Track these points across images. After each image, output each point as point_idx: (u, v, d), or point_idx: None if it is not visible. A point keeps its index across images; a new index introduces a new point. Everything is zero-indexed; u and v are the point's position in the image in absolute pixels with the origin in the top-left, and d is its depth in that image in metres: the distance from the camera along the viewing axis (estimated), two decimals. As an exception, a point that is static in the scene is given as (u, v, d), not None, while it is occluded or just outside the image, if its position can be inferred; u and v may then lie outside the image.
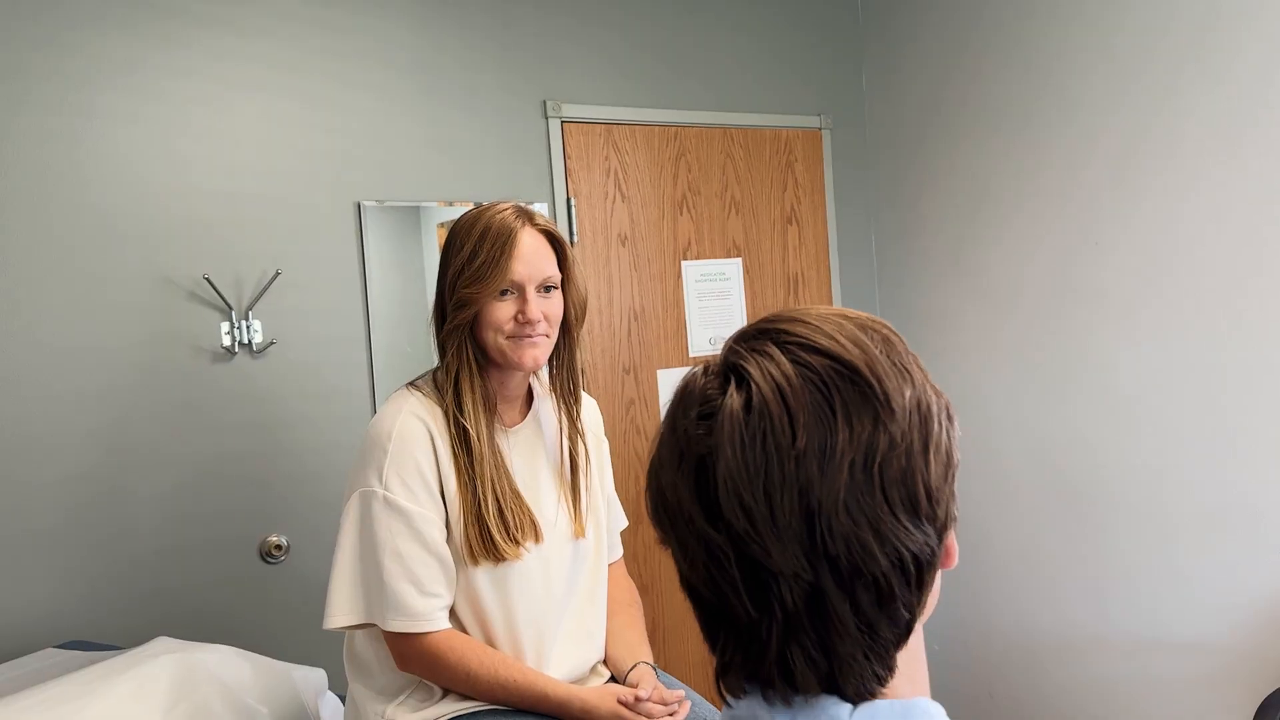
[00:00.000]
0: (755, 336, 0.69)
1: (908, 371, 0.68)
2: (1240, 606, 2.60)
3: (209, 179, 2.47)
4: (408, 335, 2.72)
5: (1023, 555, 3.14)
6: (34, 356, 2.28)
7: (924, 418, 0.67)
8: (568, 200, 2.98)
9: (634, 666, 1.69)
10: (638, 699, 1.54)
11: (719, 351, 0.73)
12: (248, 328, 2.50)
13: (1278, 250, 2.45)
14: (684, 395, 0.69)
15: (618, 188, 3.09)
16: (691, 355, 3.22)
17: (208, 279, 2.44)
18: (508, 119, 2.88)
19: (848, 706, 0.66)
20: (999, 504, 3.20)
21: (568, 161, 2.98)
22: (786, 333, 0.68)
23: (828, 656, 0.65)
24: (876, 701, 0.67)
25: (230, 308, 2.48)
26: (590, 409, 1.84)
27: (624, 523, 1.92)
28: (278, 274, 2.53)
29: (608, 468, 1.86)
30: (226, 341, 2.48)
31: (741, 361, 0.66)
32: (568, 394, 1.73)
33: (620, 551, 1.89)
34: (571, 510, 1.70)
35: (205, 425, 2.46)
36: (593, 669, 1.72)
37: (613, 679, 1.72)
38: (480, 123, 2.83)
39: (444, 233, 2.69)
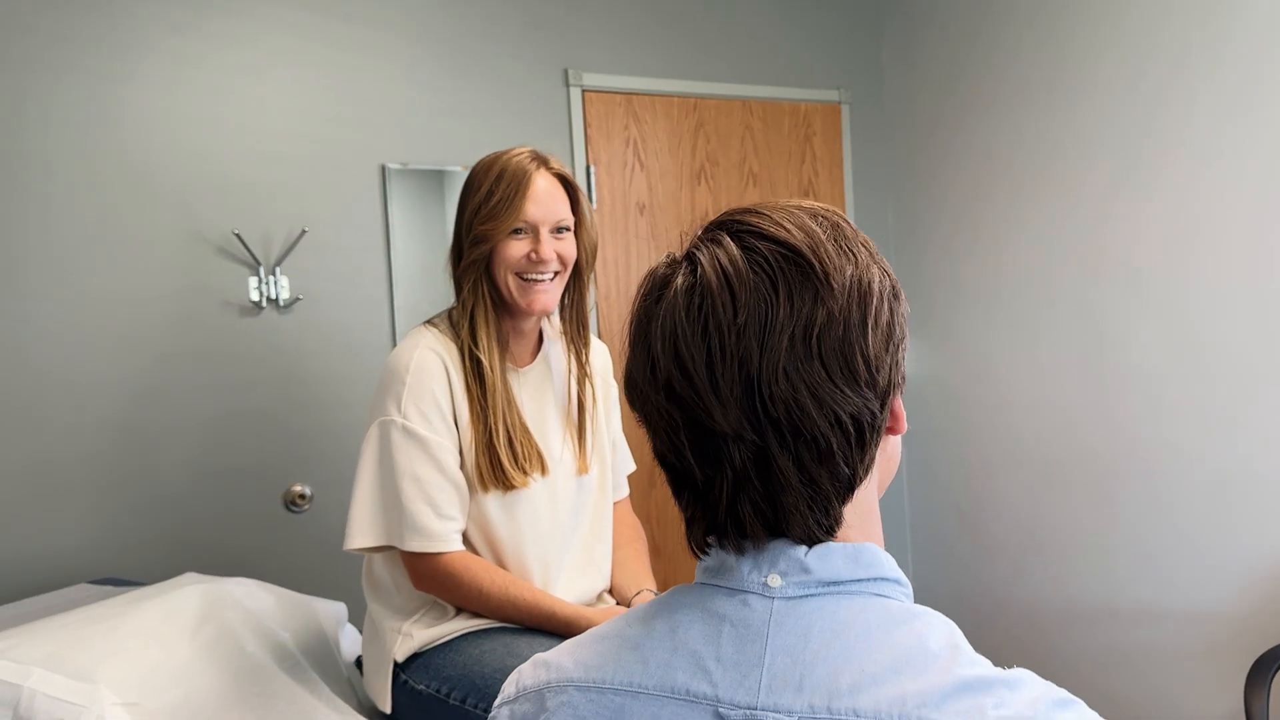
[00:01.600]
0: (714, 228, 0.76)
1: (852, 253, 0.74)
2: (1245, 573, 2.62)
3: (241, 140, 2.55)
4: (428, 296, 2.79)
5: (1031, 525, 3.18)
6: (75, 305, 2.38)
7: (863, 294, 0.72)
8: (587, 168, 3.04)
9: (638, 593, 1.75)
10: (642, 620, 1.59)
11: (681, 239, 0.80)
12: (275, 283, 2.58)
13: (1287, 216, 2.48)
14: (644, 282, 0.76)
15: (637, 157, 3.15)
16: (708, 324, 3.27)
17: (238, 235, 2.53)
18: (529, 87, 2.94)
19: (804, 547, 0.72)
20: (1010, 475, 3.24)
21: (588, 130, 3.05)
22: (741, 223, 0.74)
23: (774, 508, 0.72)
24: (830, 543, 0.73)
25: (259, 263, 2.56)
26: (600, 353, 1.90)
27: (631, 466, 1.98)
28: (304, 232, 2.60)
29: (615, 410, 1.92)
30: (255, 296, 2.56)
31: (696, 250, 0.74)
32: (577, 337, 1.80)
33: (626, 491, 1.95)
34: (576, 448, 1.77)
35: (233, 377, 2.55)
36: (598, 598, 1.78)
37: (617, 605, 1.78)
38: (502, 90, 2.90)
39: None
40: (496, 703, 0.82)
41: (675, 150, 3.20)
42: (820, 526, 0.73)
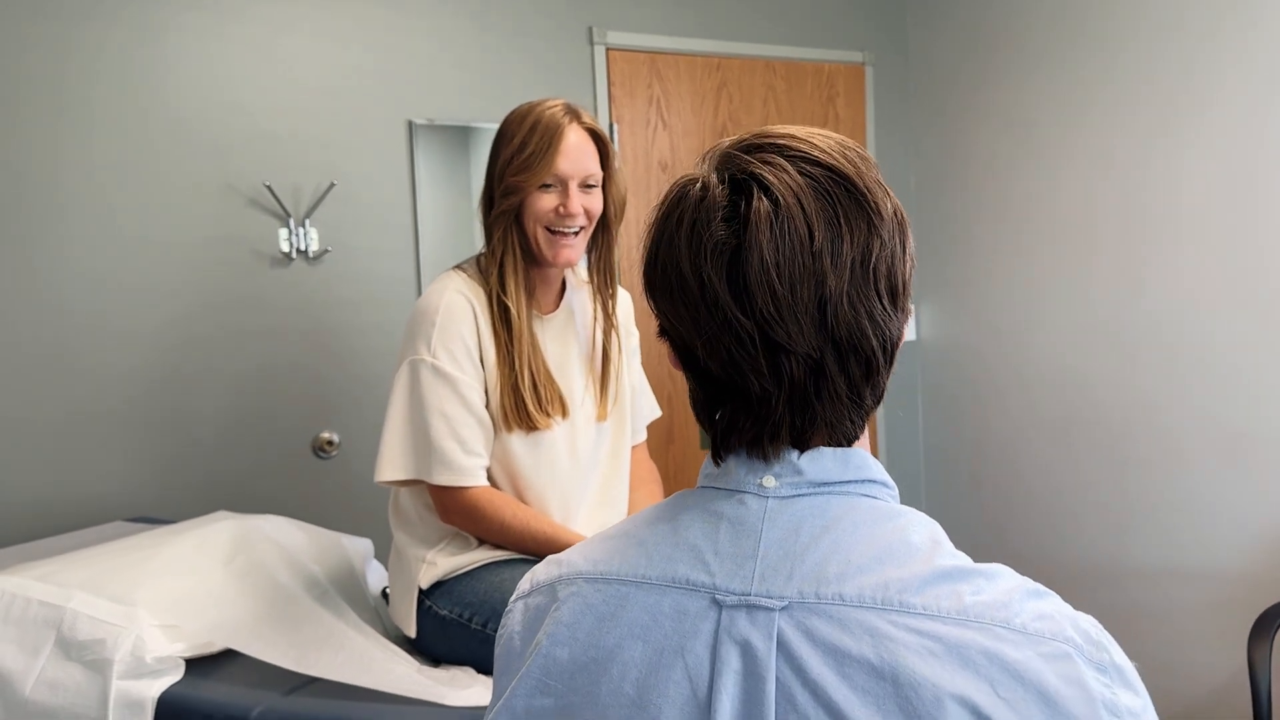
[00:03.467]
0: (759, 149, 0.77)
1: (882, 184, 0.79)
2: (1253, 533, 2.65)
3: (273, 94, 2.61)
4: (453, 249, 2.84)
5: (1043, 486, 3.21)
6: (112, 255, 2.45)
7: (901, 223, 0.79)
8: (610, 126, 3.08)
9: (654, 530, 1.81)
10: (657, 554, 1.66)
11: (702, 162, 0.82)
12: (304, 235, 2.65)
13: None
14: (699, 204, 0.76)
15: (660, 116, 3.18)
16: (728, 282, 3.31)
17: (268, 187, 2.59)
18: (554, 44, 2.98)
19: (796, 451, 0.78)
20: (1024, 436, 3.27)
21: (611, 88, 3.08)
22: (789, 148, 0.77)
23: (813, 419, 0.77)
24: (821, 448, 0.78)
25: (289, 215, 2.63)
26: (624, 301, 1.96)
27: (657, 412, 2.04)
28: (333, 185, 2.66)
29: (636, 357, 1.97)
30: (284, 247, 2.63)
31: (757, 170, 0.75)
32: (604, 289, 1.85)
33: (644, 436, 2.01)
34: (598, 395, 1.83)
35: (264, 325, 2.62)
36: (616, 534, 1.85)
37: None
38: (527, 47, 2.94)
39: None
40: (513, 598, 0.88)
41: (698, 109, 3.23)
42: (849, 438, 0.79)
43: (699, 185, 0.77)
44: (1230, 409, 2.68)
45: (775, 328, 0.73)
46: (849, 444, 0.79)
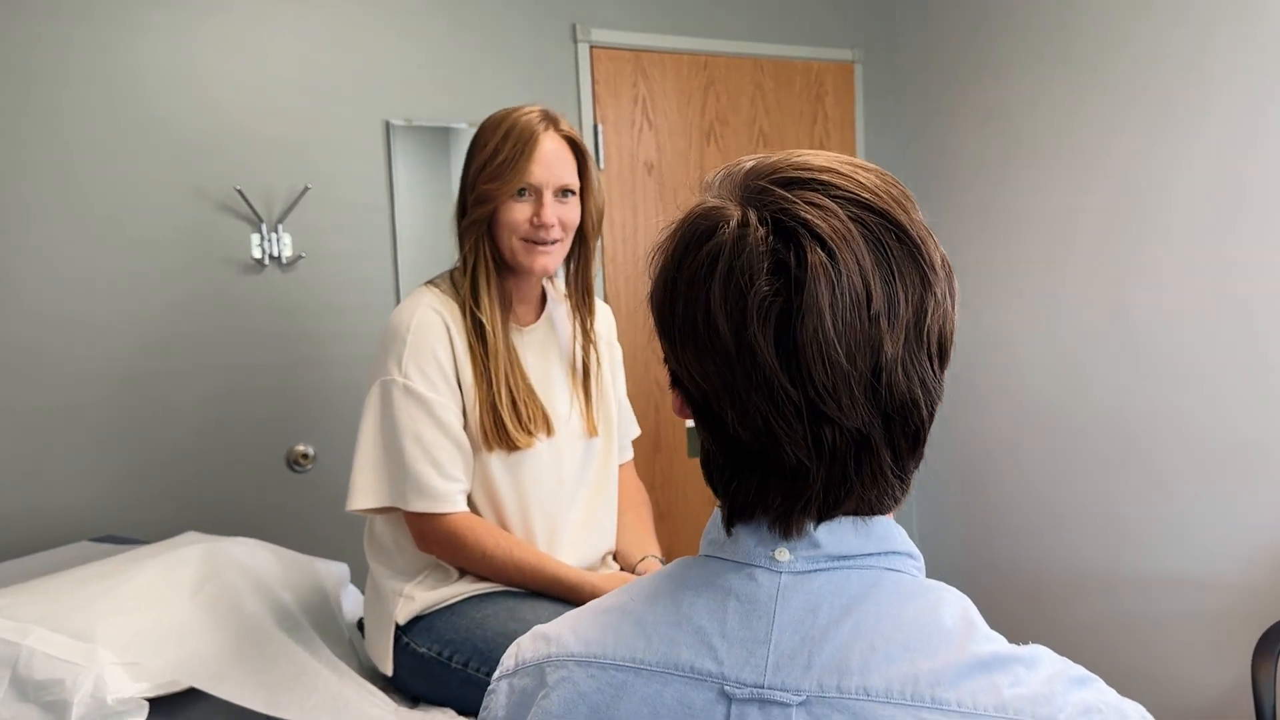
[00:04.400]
0: (800, 184, 0.67)
1: (929, 229, 0.70)
2: (1246, 543, 2.60)
3: (243, 94, 2.51)
4: (433, 255, 2.75)
5: (1038, 495, 3.16)
6: (81, 258, 2.35)
7: (950, 276, 0.70)
8: (595, 126, 2.99)
9: (643, 559, 1.74)
10: (647, 585, 1.58)
11: (719, 190, 0.72)
12: (277, 241, 2.55)
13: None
14: (736, 247, 0.66)
15: (645, 116, 3.09)
16: (715, 286, 3.23)
17: (239, 191, 2.49)
18: (537, 42, 2.88)
19: (812, 521, 0.70)
20: (1018, 445, 3.21)
21: (595, 87, 2.99)
22: (833, 185, 0.67)
23: (861, 492, 0.69)
24: (840, 517, 0.70)
25: (260, 220, 2.53)
26: (604, 316, 1.88)
27: (636, 430, 1.96)
28: (307, 189, 2.56)
29: (620, 373, 1.90)
30: (257, 254, 2.53)
31: (804, 214, 0.65)
32: (582, 305, 1.77)
33: (631, 454, 1.93)
34: (584, 410, 1.74)
35: (235, 335, 2.52)
36: (603, 560, 1.77)
37: (621, 570, 1.77)
38: (509, 45, 2.84)
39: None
40: (495, 675, 0.80)
41: (684, 109, 3.15)
42: (883, 510, 0.71)
43: (734, 223, 0.67)
44: (1223, 417, 2.63)
45: (827, 400, 0.65)
46: (876, 514, 0.71)
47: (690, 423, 3.10)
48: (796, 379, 0.65)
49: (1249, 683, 2.50)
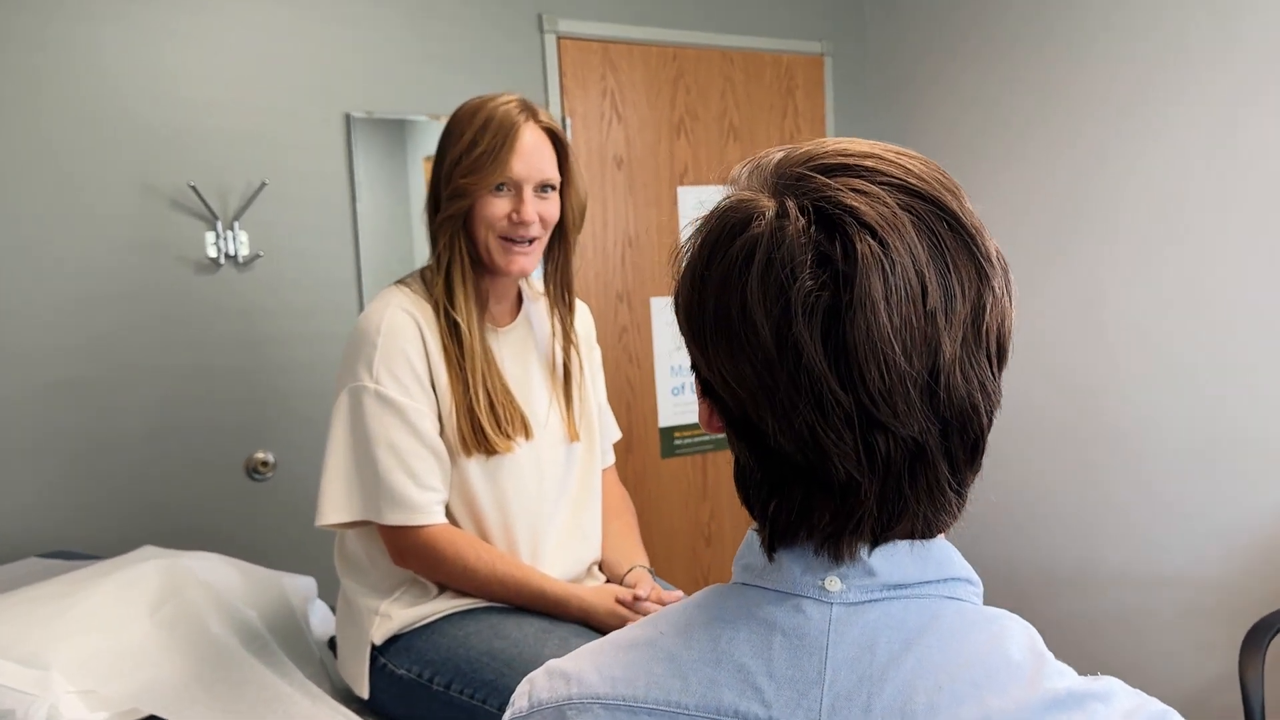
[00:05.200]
0: (842, 170, 0.61)
1: (980, 220, 0.64)
2: (1228, 539, 2.59)
3: (195, 85, 2.39)
4: (396, 253, 2.66)
5: (1018, 491, 3.13)
6: (19, 263, 2.22)
7: (1006, 270, 0.64)
8: (563, 120, 2.91)
9: (630, 569, 1.67)
10: (636, 598, 1.51)
11: (748, 182, 0.66)
12: (234, 239, 2.44)
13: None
14: (774, 239, 0.59)
15: (614, 109, 3.02)
16: (686, 283, 3.16)
17: (193, 187, 2.37)
18: (501, 32, 2.80)
19: (866, 545, 0.63)
20: (996, 441, 3.18)
21: (563, 79, 2.91)
22: (878, 171, 0.61)
23: (916, 508, 0.63)
24: (896, 540, 0.64)
25: (216, 218, 2.42)
26: (583, 316, 1.80)
27: (617, 434, 1.89)
28: (264, 184, 2.46)
29: (600, 375, 1.82)
30: (212, 252, 2.42)
31: (850, 201, 0.59)
32: (561, 302, 1.69)
33: (612, 459, 1.86)
34: (564, 413, 1.67)
35: (190, 337, 2.41)
36: (588, 570, 1.69)
37: (608, 582, 1.69)
38: (474, 35, 2.75)
39: (430, 167, 2.64)
40: (507, 717, 0.72)
41: (654, 102, 3.08)
42: (938, 530, 0.65)
43: (770, 214, 0.60)
44: (1203, 413, 2.62)
45: (881, 405, 0.58)
46: (933, 535, 0.65)
47: (664, 424, 3.01)
48: (847, 382, 0.58)
49: (1230, 678, 2.49)
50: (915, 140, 3.37)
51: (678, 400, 3.16)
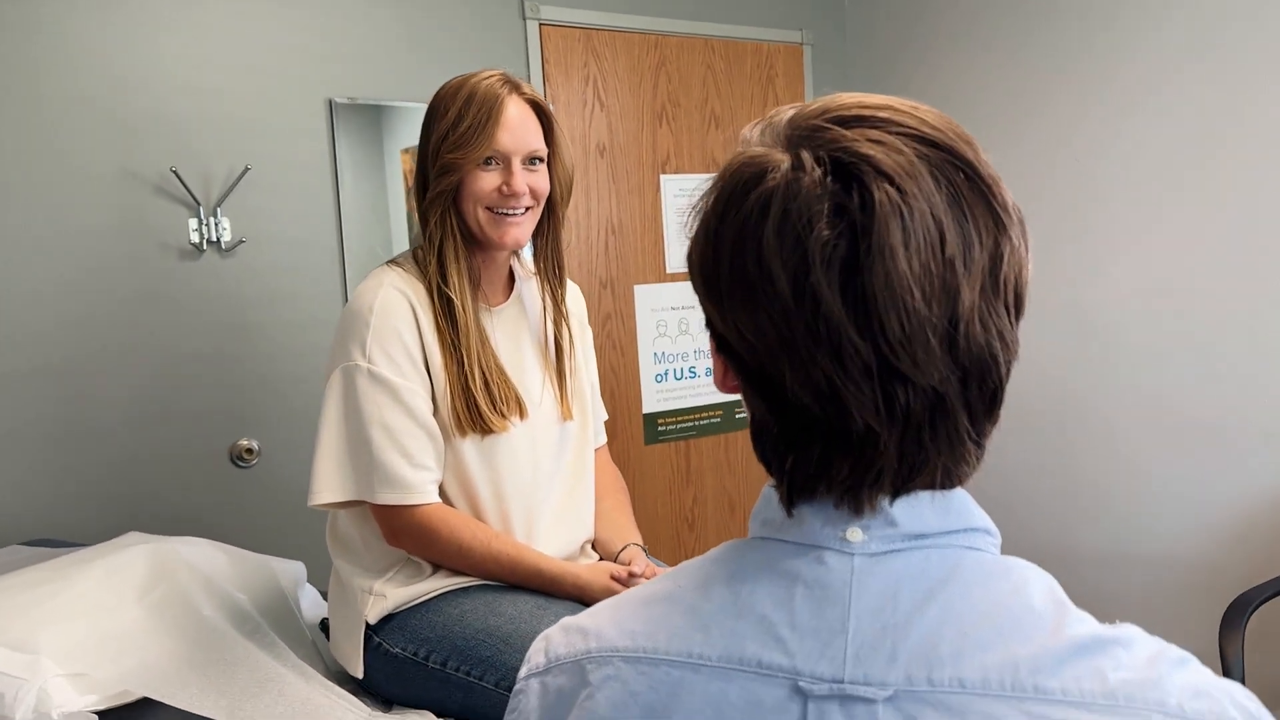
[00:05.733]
0: (858, 122, 0.61)
1: (996, 170, 0.64)
2: (1207, 519, 2.63)
3: (177, 70, 2.37)
4: (380, 238, 2.65)
5: (995, 473, 3.16)
6: (4, 245, 2.20)
7: (1023, 222, 0.64)
8: (546, 106, 2.90)
9: (624, 547, 1.67)
10: (631, 575, 1.52)
11: (760, 139, 0.66)
12: (216, 225, 2.42)
13: (1262, 177, 2.45)
14: (789, 190, 0.59)
15: (597, 96, 3.01)
16: (669, 271, 3.17)
17: (175, 172, 2.35)
18: (485, 18, 2.79)
19: (887, 496, 0.63)
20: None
21: (545, 66, 2.91)
22: (894, 122, 0.61)
23: (936, 459, 0.63)
24: (918, 491, 0.64)
25: (198, 203, 2.40)
26: (575, 295, 1.80)
27: (605, 414, 1.89)
28: (247, 169, 2.44)
29: (592, 355, 1.82)
30: (194, 238, 2.40)
31: (865, 150, 0.59)
32: (552, 276, 1.69)
33: (604, 439, 1.86)
34: (557, 392, 1.67)
35: (173, 324, 2.39)
36: (581, 549, 1.70)
37: (602, 560, 1.70)
38: (457, 20, 2.74)
39: (409, 159, 2.62)
40: (523, 673, 0.72)
41: (636, 90, 3.08)
42: (957, 480, 0.65)
43: (785, 167, 0.60)
44: (1180, 396, 2.65)
45: (900, 353, 0.58)
46: (953, 486, 0.65)
47: (648, 410, 3.01)
48: (866, 330, 0.58)
49: (1211, 657, 2.52)
50: (895, 128, 3.38)
51: (661, 387, 3.17)
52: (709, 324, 0.68)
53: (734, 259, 0.62)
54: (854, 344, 0.58)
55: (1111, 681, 0.57)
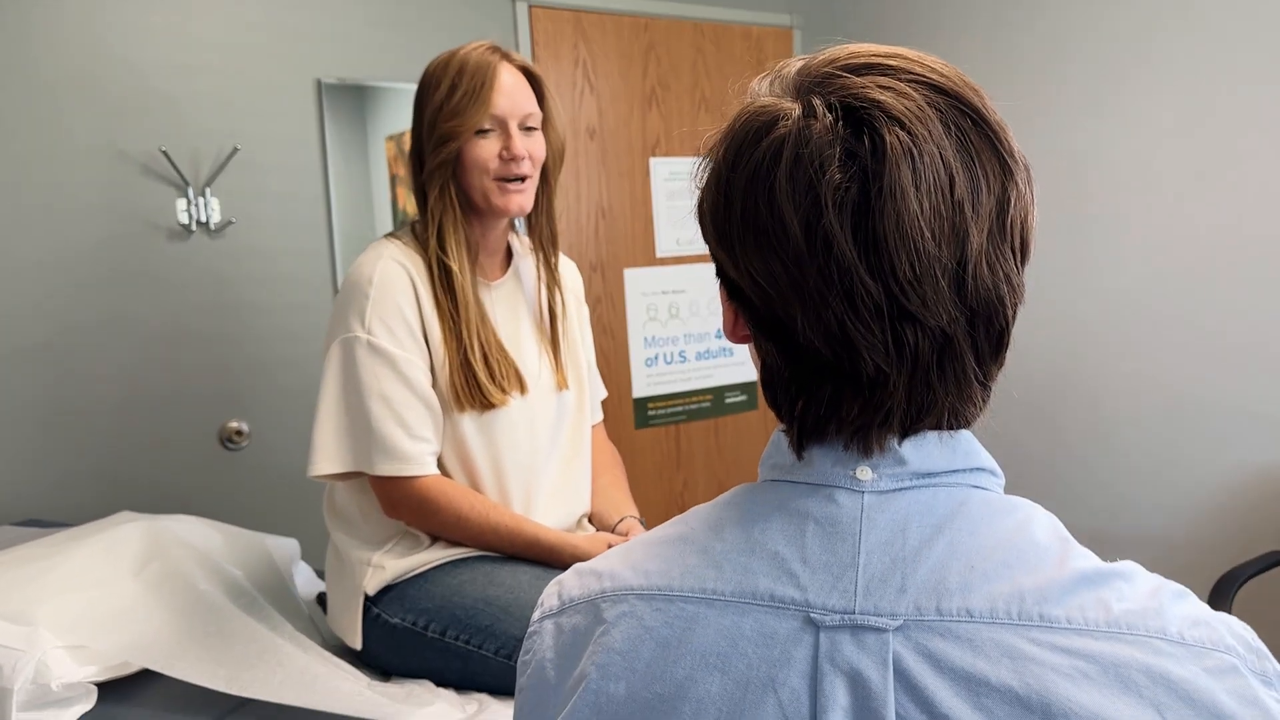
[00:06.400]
0: (868, 69, 0.62)
1: (1001, 116, 0.66)
2: (1196, 498, 2.66)
3: (166, 50, 2.36)
4: (368, 219, 2.65)
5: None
6: (-19, 225, 2.18)
7: (1028, 169, 0.66)
8: (535, 89, 2.90)
9: (621, 520, 1.68)
10: (629, 546, 1.52)
11: (770, 90, 0.68)
12: (205, 205, 2.41)
13: (1243, 159, 2.48)
14: (801, 135, 0.60)
15: (586, 79, 3.02)
16: (659, 255, 3.18)
17: (164, 152, 2.34)
18: (474, 0, 2.78)
19: (895, 436, 0.65)
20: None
21: (535, 49, 2.91)
22: (903, 69, 0.63)
23: (944, 401, 0.64)
24: (925, 431, 0.65)
25: (187, 184, 2.39)
26: (571, 270, 1.81)
27: (603, 392, 1.90)
28: (236, 150, 2.43)
29: (588, 331, 1.83)
30: (184, 219, 2.39)
31: (877, 96, 0.60)
32: (547, 242, 1.69)
33: (601, 415, 1.87)
34: (553, 362, 1.67)
35: (161, 305, 2.38)
36: (578, 523, 1.70)
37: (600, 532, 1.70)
38: (446, 2, 2.73)
39: (394, 146, 2.62)
40: (536, 616, 0.73)
41: (626, 73, 3.08)
42: (966, 422, 0.67)
43: (797, 114, 0.61)
44: (1165, 378, 2.68)
45: (910, 293, 0.59)
46: (960, 427, 0.67)
47: (638, 394, 3.02)
48: (877, 271, 0.59)
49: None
50: (883, 113, 3.40)
51: (651, 371, 3.18)
52: (719, 272, 0.69)
53: (746, 205, 0.63)
54: (865, 285, 0.59)
55: (1115, 611, 0.58)
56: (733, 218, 0.64)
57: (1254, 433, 2.54)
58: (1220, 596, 2.17)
